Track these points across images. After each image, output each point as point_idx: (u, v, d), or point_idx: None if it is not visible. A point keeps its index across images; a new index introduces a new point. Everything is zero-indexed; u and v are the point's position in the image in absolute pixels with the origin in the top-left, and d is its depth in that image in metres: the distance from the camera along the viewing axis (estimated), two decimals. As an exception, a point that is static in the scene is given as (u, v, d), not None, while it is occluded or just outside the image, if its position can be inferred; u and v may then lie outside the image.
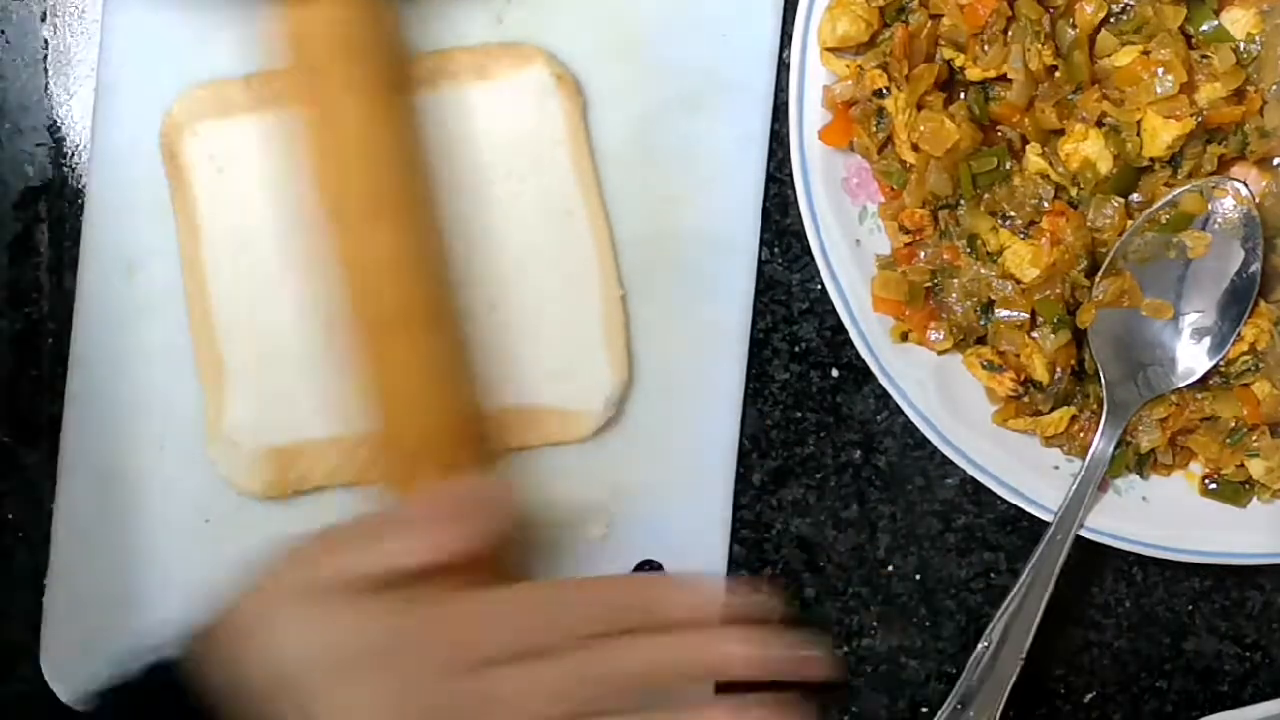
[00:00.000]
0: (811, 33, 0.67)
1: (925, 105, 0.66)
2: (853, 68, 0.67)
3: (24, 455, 0.70)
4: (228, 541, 0.69)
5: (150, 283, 0.69)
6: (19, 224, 0.71)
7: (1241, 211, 0.67)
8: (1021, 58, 0.65)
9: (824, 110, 0.67)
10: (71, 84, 0.71)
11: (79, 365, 0.69)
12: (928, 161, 0.67)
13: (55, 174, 0.71)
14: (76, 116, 0.71)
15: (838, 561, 0.72)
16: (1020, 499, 0.68)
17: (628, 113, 0.70)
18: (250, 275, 0.68)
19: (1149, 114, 0.65)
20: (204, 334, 0.68)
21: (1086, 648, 0.72)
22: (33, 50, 0.71)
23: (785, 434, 0.71)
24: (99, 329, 0.69)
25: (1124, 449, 0.68)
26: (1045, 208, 0.67)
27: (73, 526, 0.69)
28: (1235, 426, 0.68)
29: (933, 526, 0.72)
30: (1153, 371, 0.68)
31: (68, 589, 0.69)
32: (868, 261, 0.68)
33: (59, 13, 0.71)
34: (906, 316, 0.68)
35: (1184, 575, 0.72)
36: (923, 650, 0.72)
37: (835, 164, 0.68)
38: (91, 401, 0.69)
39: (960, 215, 0.68)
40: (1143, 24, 0.66)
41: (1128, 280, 0.67)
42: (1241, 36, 0.66)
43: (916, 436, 0.68)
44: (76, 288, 0.69)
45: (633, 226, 0.70)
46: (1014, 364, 0.68)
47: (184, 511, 0.69)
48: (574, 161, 0.69)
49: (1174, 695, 0.72)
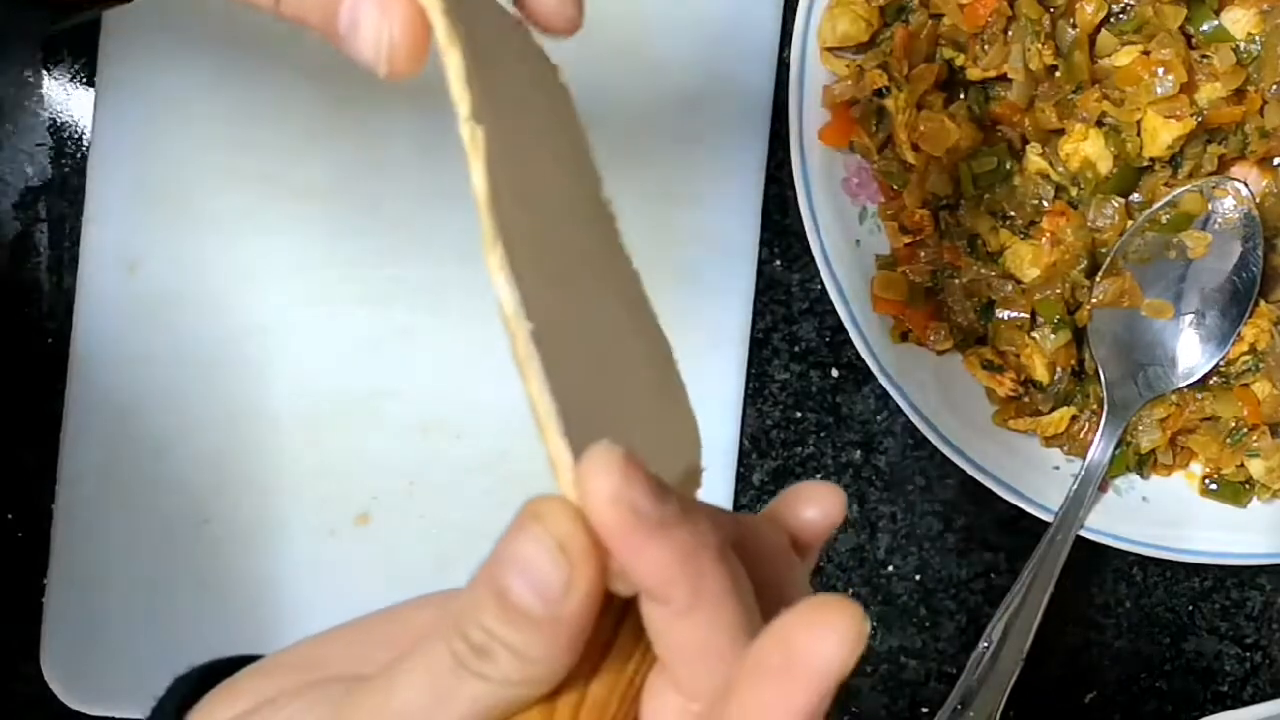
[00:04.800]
0: (811, 33, 0.67)
1: (925, 105, 0.66)
2: (853, 68, 0.67)
3: (24, 455, 0.70)
4: (228, 542, 0.69)
5: (150, 282, 0.69)
6: (19, 224, 0.71)
7: (1241, 211, 0.67)
8: (1021, 58, 0.65)
9: (824, 110, 0.67)
10: (71, 84, 0.71)
11: (79, 365, 0.69)
12: (928, 161, 0.67)
13: (55, 174, 0.71)
14: (76, 116, 0.71)
15: (838, 561, 0.72)
16: (1020, 499, 0.68)
17: (628, 113, 0.70)
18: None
19: (1149, 114, 0.65)
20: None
21: (1086, 648, 0.72)
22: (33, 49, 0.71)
23: (785, 434, 0.71)
24: (99, 329, 0.69)
25: (1124, 449, 0.68)
26: (1045, 208, 0.67)
27: (73, 526, 0.69)
28: (1235, 426, 0.68)
29: (933, 526, 0.72)
30: (1153, 371, 0.68)
31: (68, 589, 0.69)
32: (868, 261, 0.68)
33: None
34: (906, 316, 0.68)
35: (1184, 575, 0.72)
36: (923, 650, 0.72)
37: (835, 164, 0.68)
38: (91, 401, 0.69)
39: (960, 215, 0.68)
40: (1143, 24, 0.66)
41: (1128, 280, 0.67)
42: (1241, 36, 0.66)
43: (916, 436, 0.68)
44: (76, 288, 0.69)
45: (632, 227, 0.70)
46: (1014, 364, 0.68)
47: (184, 511, 0.70)
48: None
49: (1174, 695, 0.72)
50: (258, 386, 0.70)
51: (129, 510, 0.69)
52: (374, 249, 0.70)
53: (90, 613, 0.69)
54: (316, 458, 0.70)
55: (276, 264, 0.69)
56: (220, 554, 0.69)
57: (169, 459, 0.70)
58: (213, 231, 0.69)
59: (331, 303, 0.70)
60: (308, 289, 0.69)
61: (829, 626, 0.29)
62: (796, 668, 0.30)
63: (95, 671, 0.69)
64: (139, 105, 0.69)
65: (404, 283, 0.70)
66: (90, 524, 0.69)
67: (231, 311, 0.70)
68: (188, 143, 0.69)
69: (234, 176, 0.69)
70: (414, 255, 0.69)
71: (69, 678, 0.69)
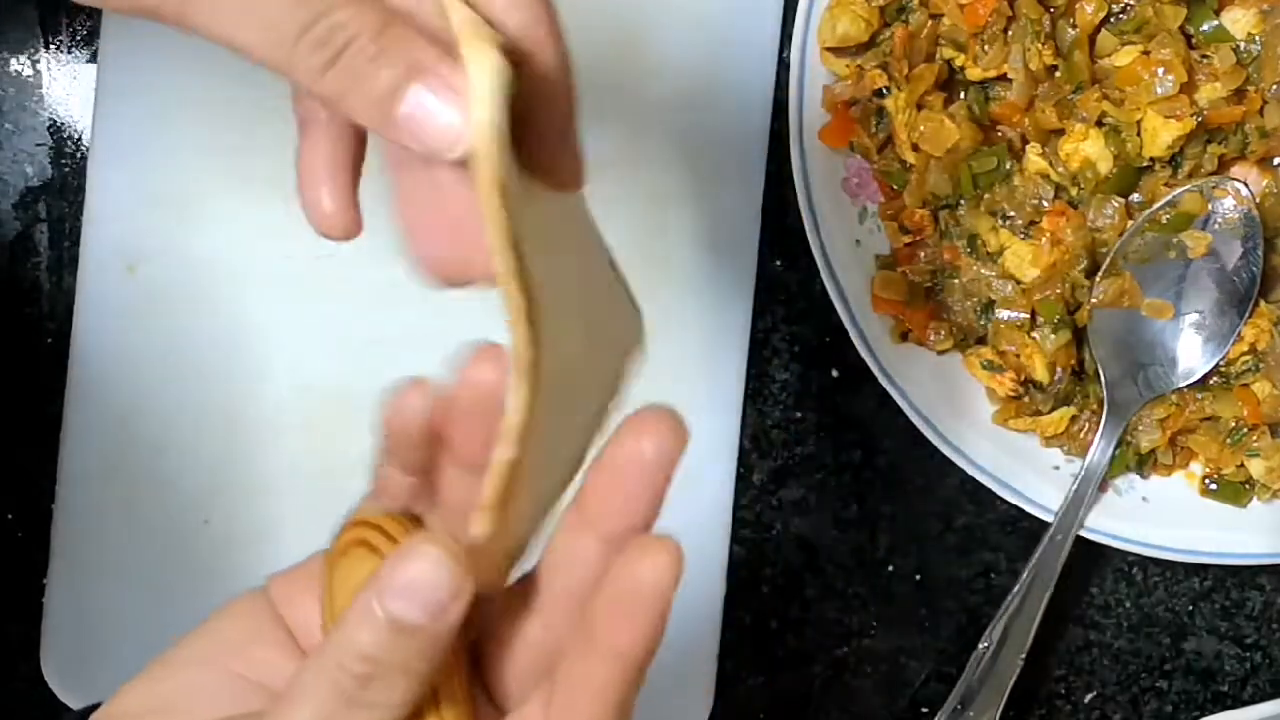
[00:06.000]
0: (811, 33, 0.67)
1: (925, 105, 0.66)
2: (853, 68, 0.67)
3: (24, 455, 0.70)
4: (228, 542, 0.69)
5: (150, 282, 0.69)
6: (19, 224, 0.71)
7: (1241, 211, 0.67)
8: (1021, 58, 0.65)
9: (824, 110, 0.67)
10: (71, 84, 0.71)
11: (79, 365, 0.69)
12: (928, 161, 0.67)
13: (55, 174, 0.71)
14: (76, 116, 0.71)
15: (838, 561, 0.72)
16: (1020, 499, 0.68)
17: (628, 113, 0.70)
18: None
19: (1149, 114, 0.65)
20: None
21: (1086, 648, 0.72)
22: (32, 50, 0.71)
23: (785, 434, 0.71)
24: (99, 329, 0.69)
25: (1124, 449, 0.68)
26: (1045, 208, 0.67)
27: (73, 526, 0.69)
28: (1235, 426, 0.68)
29: (933, 526, 0.72)
30: (1153, 371, 0.68)
31: (68, 589, 0.69)
32: (868, 261, 0.68)
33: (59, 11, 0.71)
34: (906, 316, 0.68)
35: (1184, 575, 0.72)
36: (923, 650, 0.72)
37: (835, 164, 0.68)
38: (91, 401, 0.69)
39: (960, 215, 0.68)
40: (1143, 24, 0.66)
41: (1128, 280, 0.67)
42: (1241, 36, 0.66)
43: (916, 436, 0.68)
44: (76, 288, 0.69)
45: (632, 227, 0.70)
46: (1014, 364, 0.68)
47: (184, 511, 0.70)
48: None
49: (1174, 695, 0.72)
50: (258, 386, 0.70)
51: (129, 510, 0.69)
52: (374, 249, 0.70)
53: (90, 613, 0.69)
54: (317, 458, 0.69)
55: (276, 264, 0.69)
56: (220, 554, 0.69)
57: (169, 459, 0.70)
58: (213, 231, 0.69)
59: (331, 303, 0.70)
60: (308, 289, 0.69)
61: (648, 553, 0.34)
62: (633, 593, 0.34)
63: (95, 671, 0.69)
64: (139, 105, 0.69)
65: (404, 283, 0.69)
66: (90, 524, 0.69)
67: (231, 311, 0.70)
68: (188, 143, 0.69)
69: (234, 177, 0.69)
70: (414, 255, 0.69)
71: (69, 678, 0.69)
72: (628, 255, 0.70)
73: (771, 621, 0.71)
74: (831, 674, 0.72)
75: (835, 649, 0.72)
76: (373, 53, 0.36)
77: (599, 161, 0.69)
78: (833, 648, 0.72)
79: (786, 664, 0.71)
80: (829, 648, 0.72)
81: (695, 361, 0.70)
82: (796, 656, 0.72)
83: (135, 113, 0.69)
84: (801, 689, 0.72)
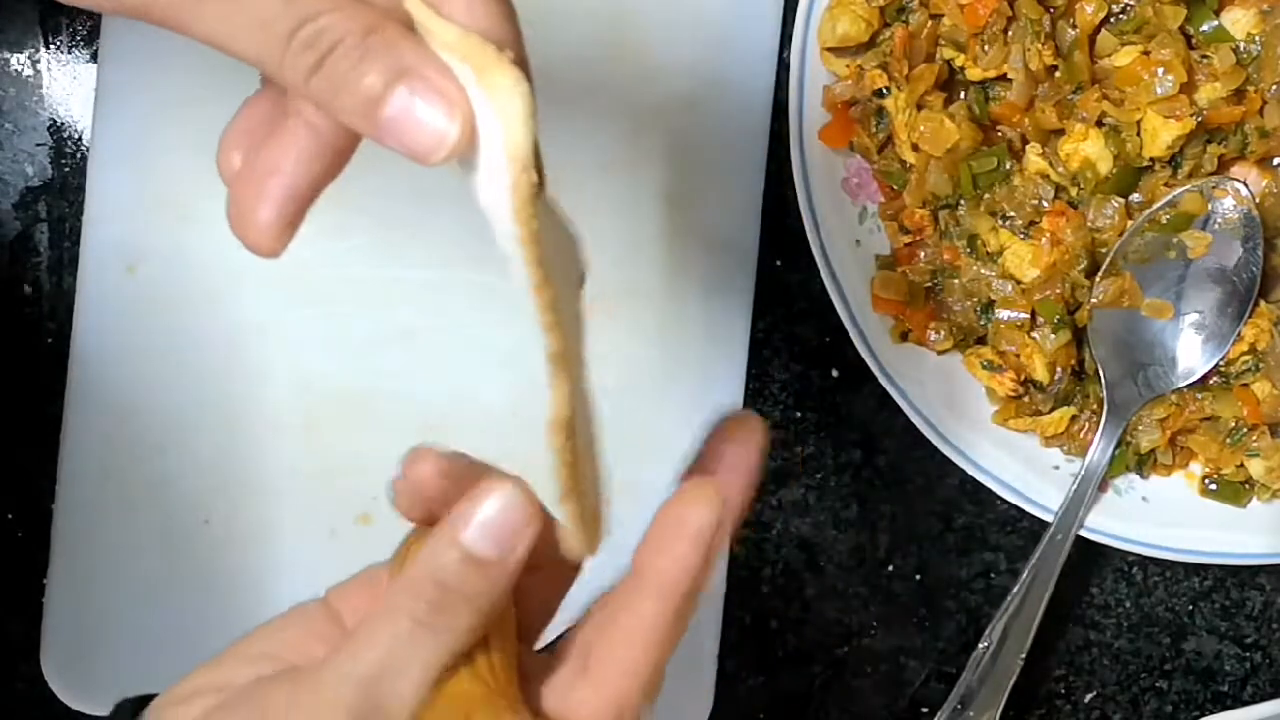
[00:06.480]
0: (811, 33, 0.67)
1: (925, 105, 0.66)
2: (853, 68, 0.67)
3: (24, 455, 0.70)
4: (228, 542, 0.69)
5: (150, 282, 0.69)
6: (19, 224, 0.71)
7: (1241, 211, 0.67)
8: (1021, 58, 0.65)
9: (824, 110, 0.67)
10: (71, 84, 0.71)
11: (79, 365, 0.69)
12: (928, 161, 0.67)
13: (55, 174, 0.71)
14: (76, 116, 0.71)
15: (838, 561, 0.72)
16: (1020, 499, 0.68)
17: (628, 113, 0.70)
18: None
19: (1149, 114, 0.65)
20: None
21: (1086, 648, 0.72)
22: (33, 49, 0.71)
23: (785, 434, 0.71)
24: (99, 329, 0.69)
25: (1124, 449, 0.68)
26: (1045, 208, 0.67)
27: (73, 526, 0.69)
28: (1235, 426, 0.68)
29: (933, 526, 0.72)
30: (1153, 371, 0.68)
31: (68, 589, 0.69)
32: (868, 261, 0.68)
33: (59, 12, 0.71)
34: (906, 316, 0.68)
35: (1184, 575, 0.72)
36: (923, 650, 0.72)
37: (835, 164, 0.68)
38: (91, 401, 0.69)
39: (960, 215, 0.68)
40: (1143, 24, 0.66)
41: (1128, 280, 0.67)
42: (1241, 36, 0.66)
43: (916, 436, 0.68)
44: (76, 288, 0.69)
45: (632, 227, 0.70)
46: (1014, 364, 0.68)
47: (184, 511, 0.70)
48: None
49: (1174, 695, 0.72)
50: (258, 386, 0.70)
51: (129, 510, 0.69)
52: (374, 249, 0.70)
53: (90, 613, 0.69)
54: (317, 458, 0.70)
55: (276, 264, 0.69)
56: (220, 554, 0.69)
57: (169, 459, 0.70)
58: (213, 231, 0.69)
59: (331, 303, 0.70)
60: (308, 289, 0.69)
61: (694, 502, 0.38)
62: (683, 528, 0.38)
63: (95, 671, 0.69)
64: (139, 105, 0.69)
65: (404, 283, 0.70)
66: (90, 524, 0.69)
67: (231, 311, 0.70)
68: (188, 143, 0.69)
69: (234, 176, 0.69)
70: (415, 255, 0.69)
71: (69, 678, 0.69)
72: (628, 255, 0.70)
73: (771, 621, 0.71)
74: (831, 674, 0.72)
75: (835, 649, 0.72)
76: (358, 56, 0.36)
77: (599, 161, 0.70)
78: (833, 648, 0.72)
79: (786, 664, 0.71)
80: (829, 648, 0.72)
81: (695, 361, 0.70)
82: (796, 656, 0.72)
83: (135, 113, 0.69)
84: (801, 689, 0.72)
